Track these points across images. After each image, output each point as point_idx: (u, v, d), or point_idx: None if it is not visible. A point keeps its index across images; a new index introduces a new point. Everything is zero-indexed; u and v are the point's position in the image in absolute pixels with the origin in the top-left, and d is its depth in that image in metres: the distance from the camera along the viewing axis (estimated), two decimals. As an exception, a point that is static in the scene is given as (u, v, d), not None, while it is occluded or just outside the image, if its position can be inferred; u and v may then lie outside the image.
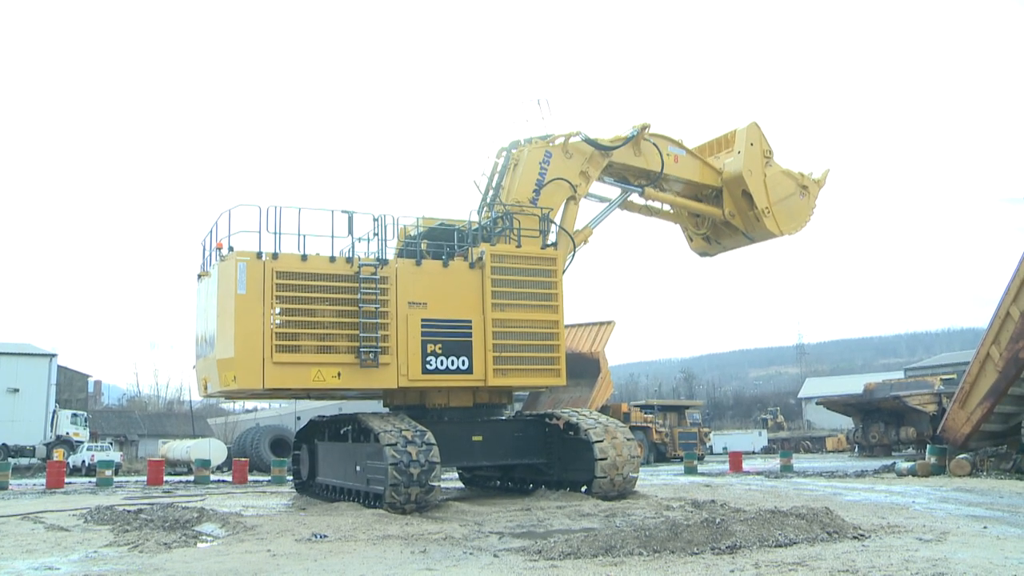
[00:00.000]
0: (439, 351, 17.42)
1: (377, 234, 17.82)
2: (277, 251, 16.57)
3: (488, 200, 20.12)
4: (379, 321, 16.94)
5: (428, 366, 17.31)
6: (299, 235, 16.70)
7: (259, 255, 16.41)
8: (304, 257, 16.78)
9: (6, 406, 54.28)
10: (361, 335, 16.76)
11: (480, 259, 18.20)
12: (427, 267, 17.87)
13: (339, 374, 16.67)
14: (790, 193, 23.22)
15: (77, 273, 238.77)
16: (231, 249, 16.55)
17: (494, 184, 20.30)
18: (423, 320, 17.39)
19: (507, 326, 18.07)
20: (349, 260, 17.19)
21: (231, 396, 20.62)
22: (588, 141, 20.69)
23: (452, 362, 17.51)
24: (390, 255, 18.03)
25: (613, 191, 22.55)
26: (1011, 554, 9.86)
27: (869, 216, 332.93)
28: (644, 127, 21.59)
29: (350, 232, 17.34)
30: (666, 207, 23.75)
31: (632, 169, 21.80)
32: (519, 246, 18.80)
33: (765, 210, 22.61)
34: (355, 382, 16.94)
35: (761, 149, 22.92)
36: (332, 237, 17.04)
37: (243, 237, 16.57)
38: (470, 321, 17.77)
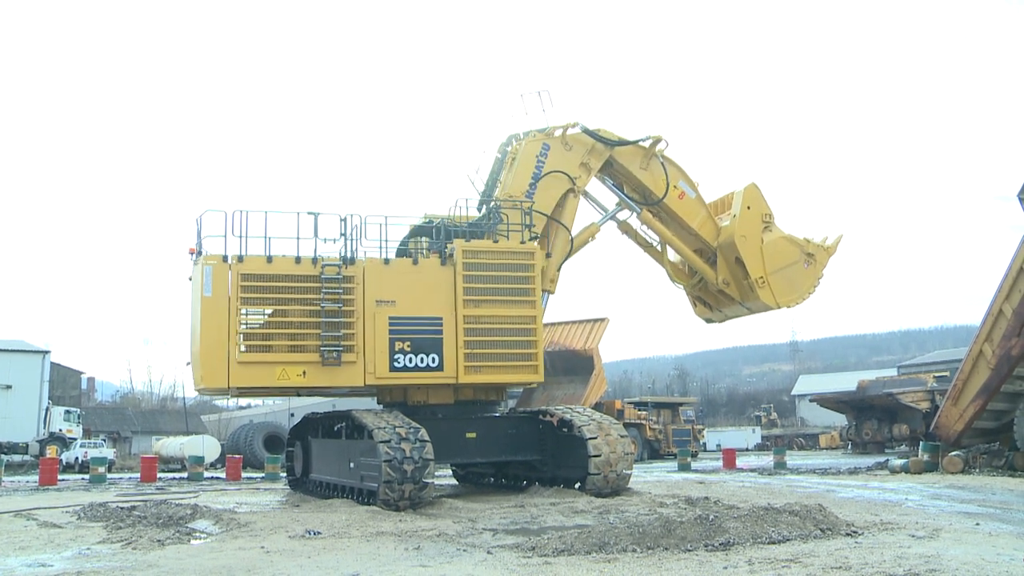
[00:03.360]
0: (407, 348, 17.48)
1: (344, 234, 17.76)
2: (242, 254, 17.04)
3: (486, 196, 19.98)
4: (342, 320, 17.20)
5: (396, 364, 17.42)
6: (266, 238, 17.17)
7: (225, 258, 16.95)
8: (269, 259, 17.20)
9: (-1, 403, 54.09)
10: (323, 334, 17.08)
11: (451, 255, 18.16)
12: (396, 265, 17.98)
13: (304, 372, 17.05)
14: (792, 261, 21.23)
15: (70, 269, 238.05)
16: (200, 253, 17.16)
17: (493, 179, 20.15)
18: (391, 318, 17.52)
19: (481, 322, 17.91)
20: (314, 261, 17.39)
21: (208, 393, 20.82)
22: (587, 132, 20.22)
23: (421, 359, 17.55)
24: (362, 254, 18.02)
25: (612, 200, 21.62)
26: (1003, 550, 9.89)
27: (863, 214, 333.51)
28: (657, 140, 20.64)
29: (315, 233, 17.51)
30: (658, 245, 22.06)
31: (634, 181, 20.86)
32: (496, 241, 18.60)
33: (760, 280, 20.84)
34: (320, 380, 17.29)
35: (760, 213, 21.13)
36: (297, 239, 17.37)
37: (223, 240, 17.11)
38: (441, 318, 17.74)
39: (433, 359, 17.61)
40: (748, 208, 21.09)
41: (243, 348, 16.80)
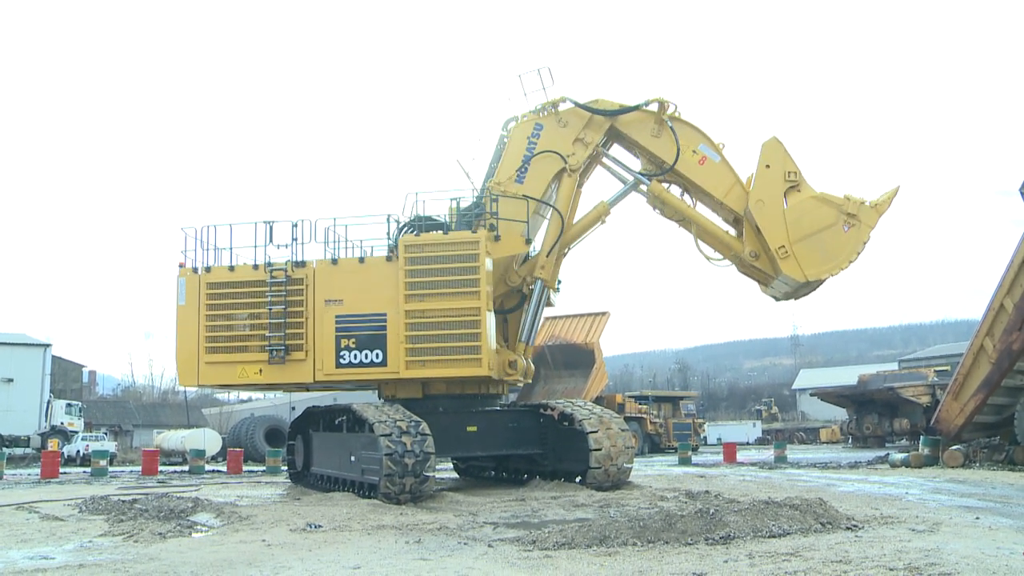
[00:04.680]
0: (352, 345, 17.81)
1: (295, 239, 18.51)
2: (208, 265, 18.88)
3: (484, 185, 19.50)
4: (287, 320, 18.13)
5: (341, 360, 17.85)
6: (230, 248, 18.90)
7: (195, 270, 18.87)
8: (231, 268, 18.81)
9: (0, 396, 54.19)
10: (268, 335, 18.16)
11: (394, 251, 18.18)
12: (343, 265, 18.37)
13: (260, 371, 18.28)
14: (827, 225, 18.19)
15: (71, 263, 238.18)
16: (181, 266, 19.08)
17: (491, 168, 19.73)
18: (337, 316, 17.99)
19: (424, 316, 17.64)
20: (268, 267, 18.49)
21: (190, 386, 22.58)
22: (578, 105, 19.21)
23: (366, 355, 17.79)
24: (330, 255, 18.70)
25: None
26: (1003, 544, 9.88)
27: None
28: (662, 103, 18.91)
29: (269, 240, 18.60)
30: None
31: (647, 152, 19.29)
32: (445, 232, 18.38)
33: (780, 250, 18.09)
34: (275, 377, 18.43)
35: (782, 171, 18.34)
36: (255, 247, 18.70)
37: (202, 253, 19.12)
38: (385, 314, 17.80)
39: (377, 355, 17.75)
40: (767, 167, 18.43)
41: (208, 349, 18.49)
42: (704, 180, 18.90)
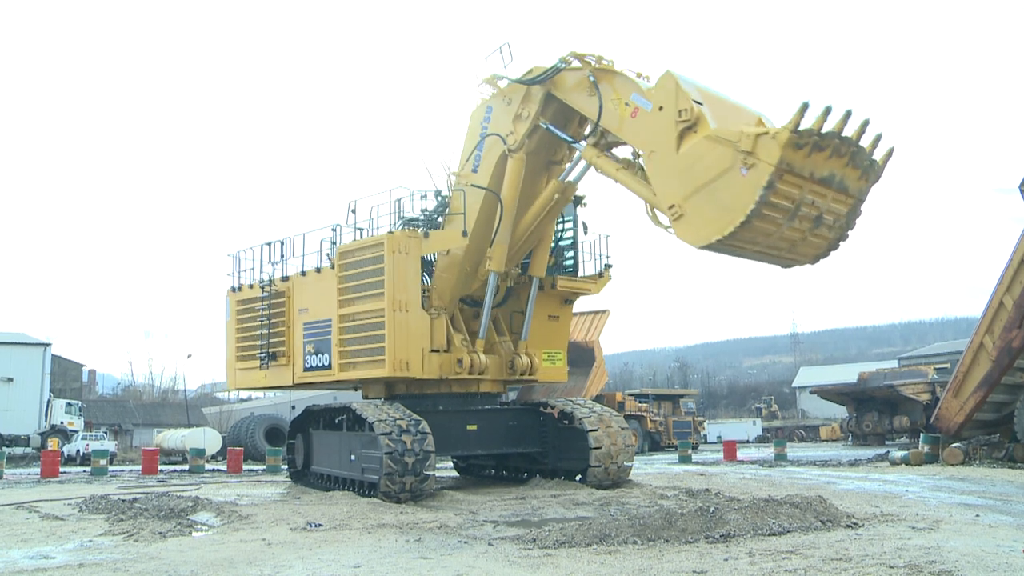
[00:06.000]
0: (312, 350, 18.92)
1: (284, 255, 20.17)
2: (238, 285, 21.74)
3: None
4: (270, 331, 20.14)
5: (307, 364, 19.18)
6: (251, 269, 21.37)
7: (234, 290, 21.84)
8: (251, 286, 21.18)
9: (0, 395, 54.15)
10: (259, 343, 20.43)
11: (331, 258, 18.68)
12: (309, 276, 19.45)
13: (266, 375, 20.50)
14: (722, 170, 12.95)
15: (71, 262, 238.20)
16: (231, 288, 21.92)
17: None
18: (304, 324, 19.37)
19: (352, 320, 17.91)
20: (267, 284, 20.47)
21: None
22: (511, 80, 17.45)
23: (319, 359, 18.76)
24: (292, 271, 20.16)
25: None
26: (1003, 542, 9.90)
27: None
28: (581, 59, 16.08)
29: (268, 259, 20.66)
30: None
31: (586, 118, 16.56)
32: (371, 235, 18.34)
33: (672, 210, 13.59)
34: (273, 381, 20.69)
35: (675, 111, 13.76)
36: (260, 264, 20.93)
37: (246, 273, 21.79)
38: (330, 320, 18.40)
39: (326, 358, 18.56)
40: (660, 109, 14.18)
41: (238, 358, 21.38)
42: (635, 135, 15.13)
